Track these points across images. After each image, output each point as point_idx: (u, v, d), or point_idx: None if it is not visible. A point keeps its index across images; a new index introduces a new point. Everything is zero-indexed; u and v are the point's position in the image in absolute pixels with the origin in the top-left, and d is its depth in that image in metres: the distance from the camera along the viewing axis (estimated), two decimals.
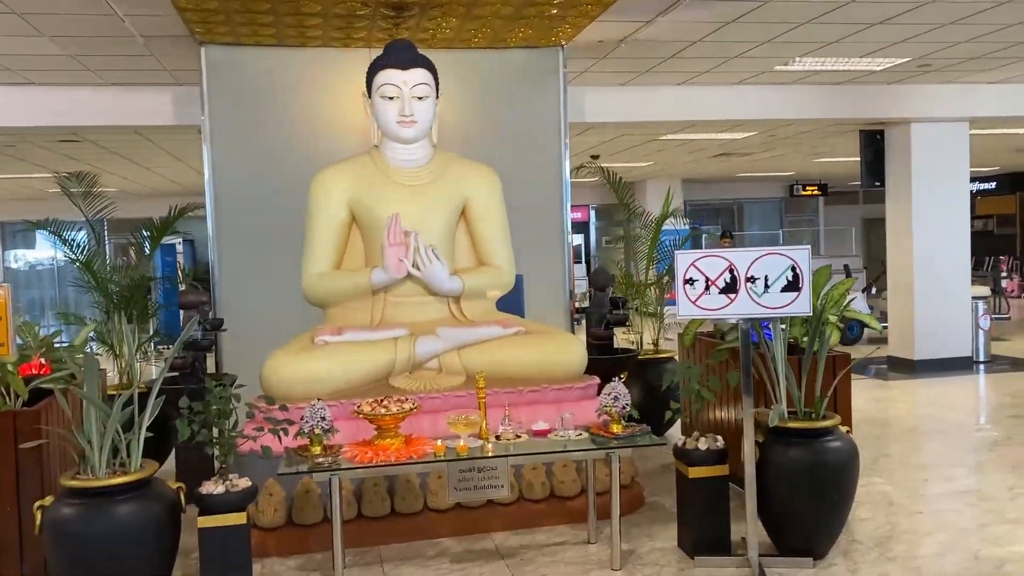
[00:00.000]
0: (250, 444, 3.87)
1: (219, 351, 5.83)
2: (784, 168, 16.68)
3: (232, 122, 5.91)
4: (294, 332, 4.97)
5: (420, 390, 4.60)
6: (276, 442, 3.83)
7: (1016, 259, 17.84)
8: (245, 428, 3.97)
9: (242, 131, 5.90)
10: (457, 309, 5.15)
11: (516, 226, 5.48)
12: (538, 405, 4.70)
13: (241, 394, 3.86)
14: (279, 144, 5.87)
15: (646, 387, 6.11)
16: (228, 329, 5.57)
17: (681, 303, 3.87)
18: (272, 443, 3.85)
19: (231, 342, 5.79)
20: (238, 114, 5.91)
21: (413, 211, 5.05)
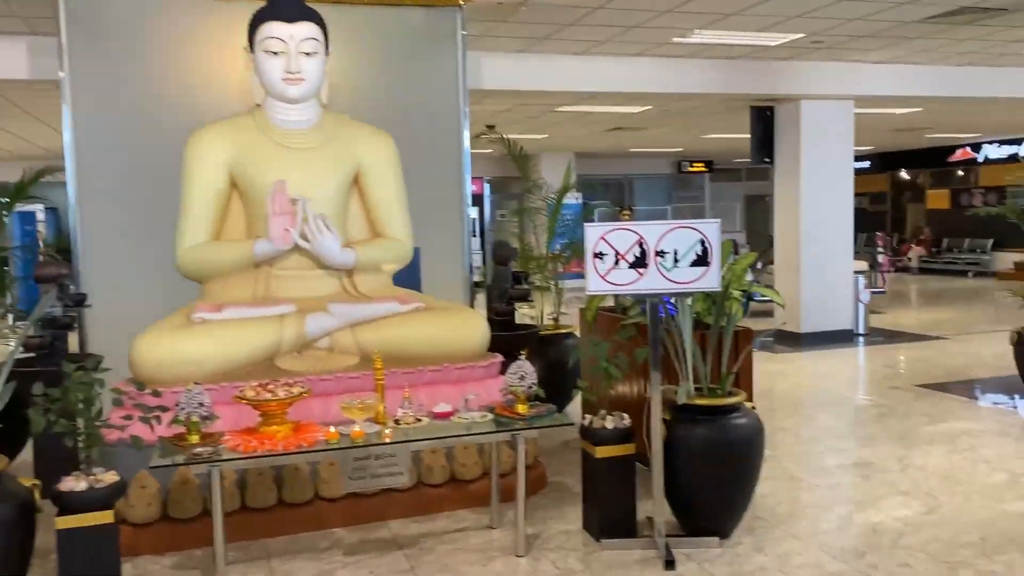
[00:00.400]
0: (118, 434, 3.48)
1: (83, 330, 5.30)
2: (673, 144, 16.90)
3: (96, 77, 5.33)
4: (168, 309, 4.54)
5: (310, 372, 4.27)
6: (148, 431, 3.45)
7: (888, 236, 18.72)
8: (111, 416, 3.56)
9: (107, 87, 5.34)
10: (350, 284, 4.82)
11: (412, 197, 5.18)
12: (439, 385, 4.46)
13: (106, 378, 3.44)
14: (149, 102, 5.34)
15: (547, 363, 5.93)
16: (92, 305, 5.05)
17: (590, 278, 3.69)
18: (143, 432, 3.46)
19: (96, 320, 5.26)
20: (102, 68, 5.34)
21: (300, 177, 4.68)
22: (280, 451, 3.45)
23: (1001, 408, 6.34)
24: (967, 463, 4.94)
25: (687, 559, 3.68)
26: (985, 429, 5.69)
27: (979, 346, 9.16)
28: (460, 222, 6.06)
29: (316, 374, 4.26)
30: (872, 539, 3.85)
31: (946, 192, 19.68)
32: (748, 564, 3.62)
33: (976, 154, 18.47)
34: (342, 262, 4.70)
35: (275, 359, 4.34)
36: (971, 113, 12.52)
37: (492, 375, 4.61)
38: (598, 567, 3.63)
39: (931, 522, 4.03)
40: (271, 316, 4.39)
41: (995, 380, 7.39)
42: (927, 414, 6.15)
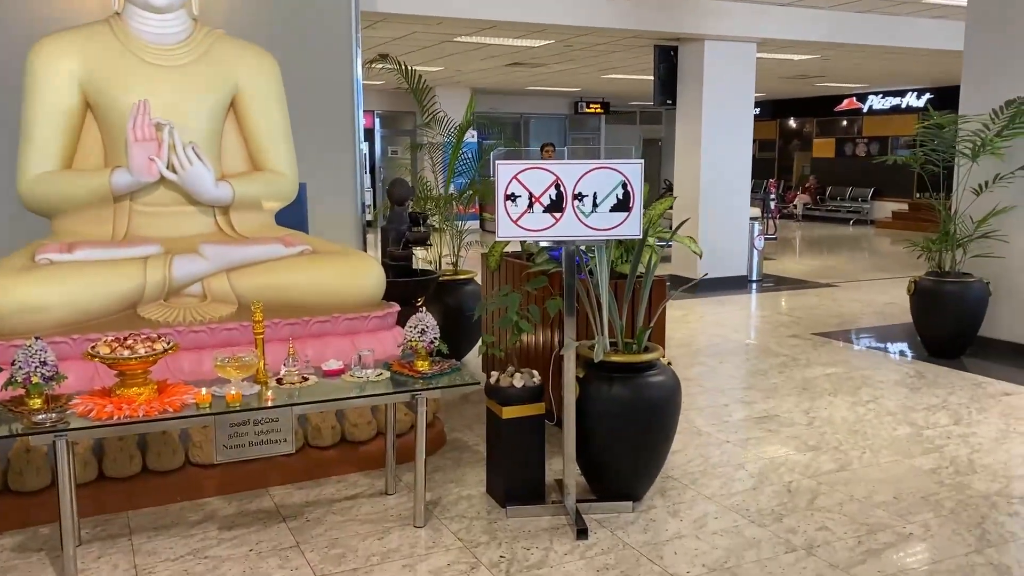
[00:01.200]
0: None
1: None
2: (572, 84, 16.54)
3: None
4: (9, 248, 3.91)
5: (178, 322, 3.75)
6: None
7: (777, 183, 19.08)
8: None
9: None
10: (226, 222, 4.28)
11: (298, 128, 4.64)
12: (328, 338, 4.01)
13: None
14: None
15: (446, 311, 5.57)
16: None
17: (501, 223, 3.31)
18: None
19: None
20: None
21: (167, 98, 4.08)
22: (140, 418, 2.95)
23: (899, 358, 6.39)
24: (872, 415, 4.90)
25: (599, 526, 3.43)
26: (885, 380, 5.70)
27: (868, 293, 9.34)
28: (351, 157, 5.55)
29: (186, 325, 3.74)
30: (787, 500, 3.70)
31: (831, 141, 20.18)
32: (663, 530, 3.40)
33: (862, 104, 18.95)
34: (216, 197, 4.14)
35: (138, 308, 3.78)
36: (865, 62, 12.66)
37: (388, 326, 4.20)
38: (504, 537, 3.34)
39: (843, 480, 3.93)
40: (132, 258, 3.82)
41: (890, 328, 7.50)
42: (827, 363, 6.13)
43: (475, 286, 5.88)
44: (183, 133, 4.06)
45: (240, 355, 3.25)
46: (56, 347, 3.43)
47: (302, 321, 3.94)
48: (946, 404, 5.12)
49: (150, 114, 3.93)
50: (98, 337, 3.41)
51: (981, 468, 4.07)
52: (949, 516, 3.52)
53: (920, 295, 6.28)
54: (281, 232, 4.39)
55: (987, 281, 6.21)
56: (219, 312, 3.89)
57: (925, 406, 5.08)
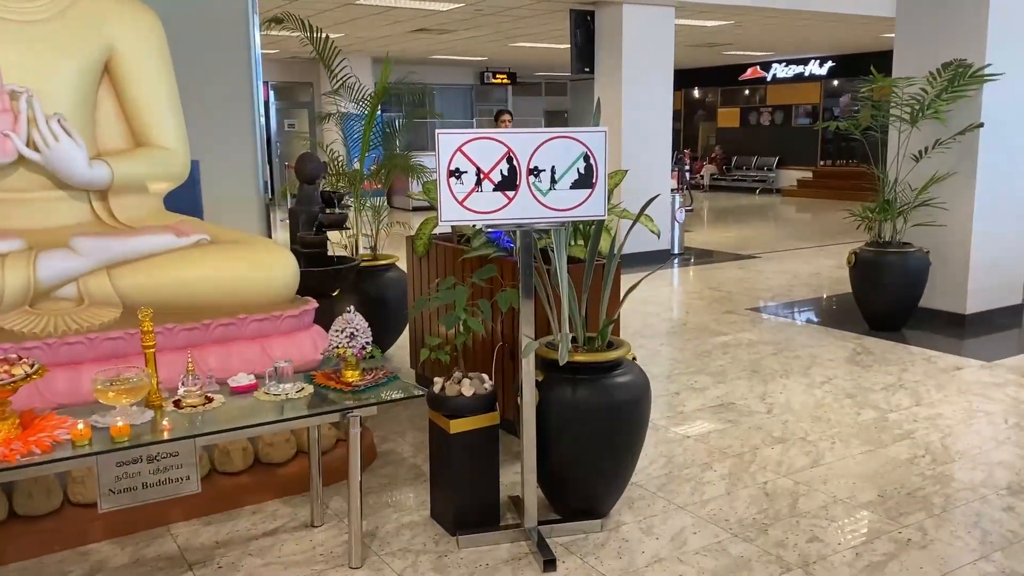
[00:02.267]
0: None
1: None
2: (479, 52, 15.94)
3: None
4: None
5: (47, 333, 3.07)
6: None
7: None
8: None
9: None
10: (105, 210, 3.59)
11: (188, 98, 3.96)
12: (234, 344, 3.40)
13: None
14: None
15: (367, 301, 5.00)
16: None
17: (444, 204, 2.78)
18: None
19: None
20: None
21: (24, 61, 3.36)
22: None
23: (842, 332, 6.17)
24: (830, 399, 4.61)
25: (567, 552, 2.97)
26: (834, 357, 5.44)
27: (792, 264, 9.20)
28: (250, 130, 4.86)
29: (57, 336, 3.07)
30: (767, 506, 3.33)
31: (736, 111, 20.25)
32: (639, 553, 2.97)
33: (766, 73, 19.02)
34: (89, 180, 3.45)
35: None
36: (777, 28, 12.54)
37: (305, 326, 3.61)
38: (459, 574, 2.84)
39: (821, 477, 3.59)
40: None
41: (825, 302, 7.32)
42: (771, 342, 5.86)
43: (398, 272, 5.32)
44: (46, 103, 3.36)
45: (126, 374, 2.62)
46: None
47: (202, 325, 3.32)
48: (902, 383, 4.89)
49: (1, 80, 3.21)
50: None
51: (958, 455, 3.81)
52: (942, 515, 3.22)
53: (861, 267, 6.07)
54: (172, 219, 3.73)
55: (927, 251, 6.04)
56: (99, 318, 3.22)
57: (882, 385, 4.83)
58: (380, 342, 5.27)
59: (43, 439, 2.42)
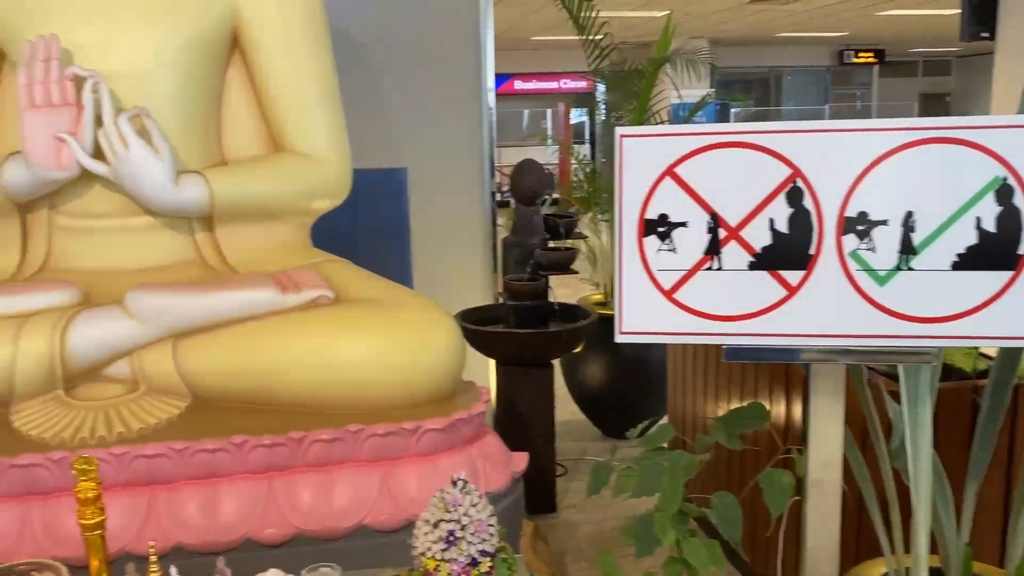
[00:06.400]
0: None
1: None
2: (836, 27, 13.47)
3: None
4: None
5: (80, 439, 2.04)
6: None
7: None
8: None
9: None
10: (211, 244, 2.53)
11: (390, 86, 2.84)
12: (341, 470, 2.14)
13: None
14: None
15: (617, 364, 3.57)
16: None
17: (629, 294, 1.23)
18: None
19: None
20: None
21: (104, 33, 2.39)
22: None
23: None
24: None
25: None
26: None
27: None
28: (475, 130, 3.62)
29: (96, 443, 2.03)
30: None
31: None
32: None
33: None
34: (174, 202, 2.38)
35: (10, 408, 2.12)
36: None
37: (462, 440, 2.25)
38: None
39: None
40: (11, 316, 2.15)
41: None
42: None
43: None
44: (134, 90, 2.35)
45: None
46: None
47: (289, 441, 2.09)
48: None
49: (57, 57, 2.25)
50: None
51: None
52: None
53: None
54: (309, 258, 2.57)
55: None
56: (152, 414, 2.14)
57: None
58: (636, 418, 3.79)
59: None
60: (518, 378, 3.01)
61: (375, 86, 3.55)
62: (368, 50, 3.42)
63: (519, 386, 3.02)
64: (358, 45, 3.37)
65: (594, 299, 3.89)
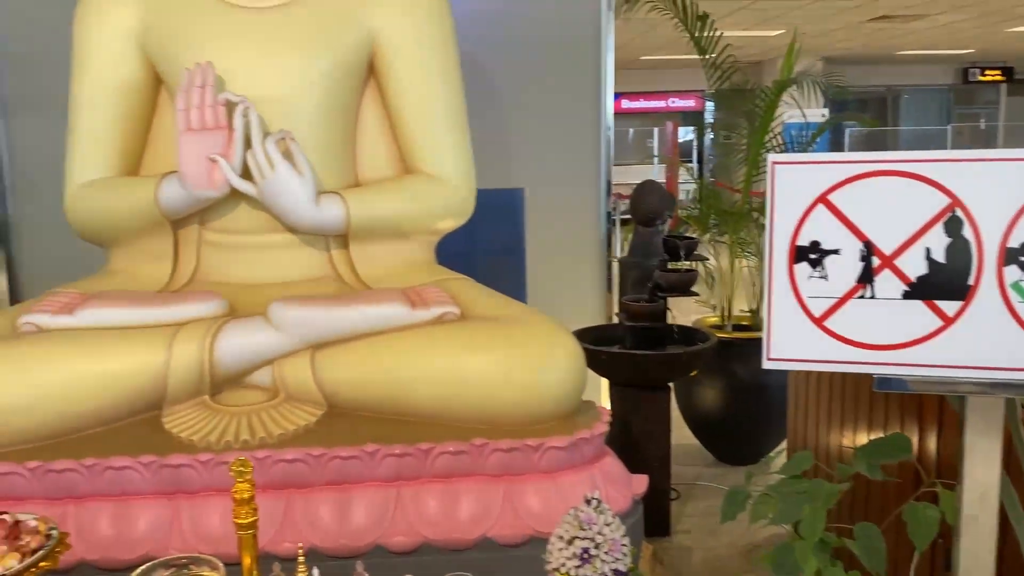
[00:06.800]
0: None
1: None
2: (960, 44, 12.94)
3: None
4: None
5: (225, 443, 2.16)
6: None
7: None
8: None
9: None
10: (345, 261, 2.64)
11: (508, 105, 2.93)
12: (465, 481, 2.20)
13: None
14: None
15: (735, 388, 3.53)
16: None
17: (779, 319, 1.24)
18: None
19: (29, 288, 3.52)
20: None
21: (253, 60, 2.54)
22: None
23: None
24: None
25: None
26: None
27: None
28: (592, 150, 3.66)
29: (239, 446, 2.15)
30: None
31: None
32: None
33: None
34: (315, 221, 2.50)
35: (163, 410, 2.27)
36: None
37: (582, 460, 2.27)
38: None
39: None
40: (162, 325, 2.31)
41: None
42: None
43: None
44: (278, 114, 2.50)
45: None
46: (4, 480, 2.05)
47: (418, 451, 2.17)
48: None
49: (212, 83, 2.41)
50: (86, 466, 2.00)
51: None
52: None
53: None
54: (435, 275, 2.66)
55: None
56: (291, 421, 2.26)
57: None
58: (757, 447, 3.74)
59: None
60: (634, 400, 3.02)
61: (494, 107, 3.63)
62: (489, 72, 3.50)
63: (635, 408, 3.02)
64: (479, 67, 3.46)
65: (710, 321, 3.86)
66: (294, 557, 2.10)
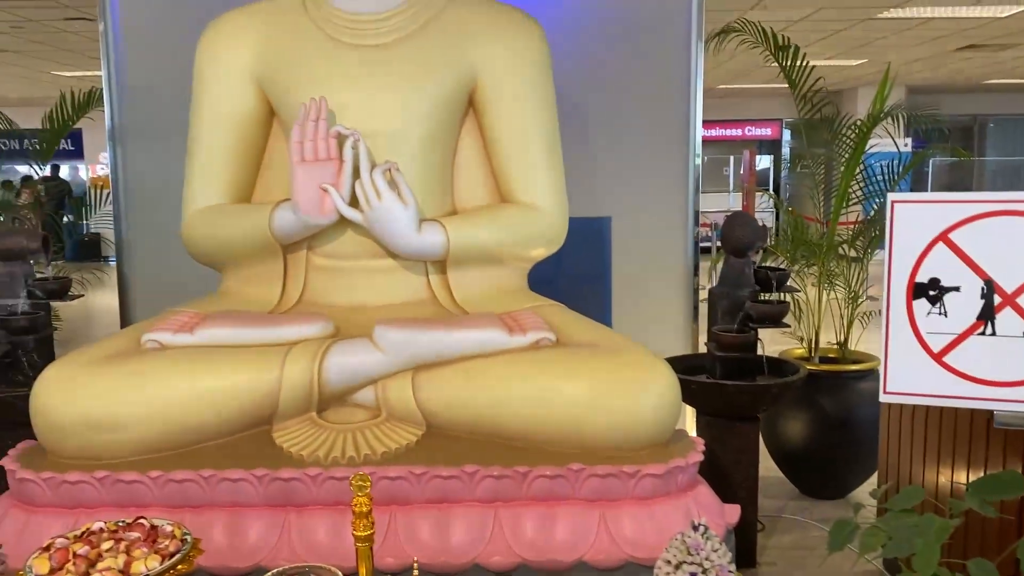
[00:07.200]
0: None
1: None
2: None
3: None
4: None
5: (332, 459, 2.26)
6: None
7: None
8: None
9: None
10: (443, 286, 2.74)
11: (600, 136, 3.02)
12: (562, 505, 2.25)
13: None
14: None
15: (822, 422, 3.49)
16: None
17: (896, 355, 1.27)
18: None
19: (140, 317, 3.70)
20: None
21: (363, 95, 2.66)
22: None
23: None
24: None
25: None
26: None
27: None
28: (683, 174, 3.70)
29: (345, 462, 2.25)
30: None
31: None
32: None
33: None
34: (417, 247, 2.61)
35: (273, 424, 2.39)
36: None
37: (676, 488, 2.30)
38: None
39: None
40: (274, 344, 2.43)
41: None
42: None
43: (874, 383, 3.65)
44: (388, 149, 2.62)
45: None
46: (128, 489, 2.19)
47: (515, 474, 2.23)
48: None
49: (325, 117, 2.54)
50: (197, 477, 2.13)
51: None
52: None
53: None
54: (529, 301, 2.73)
55: None
56: (393, 439, 2.34)
57: None
58: (843, 481, 3.69)
59: None
60: (722, 430, 3.02)
61: (583, 135, 3.69)
62: (578, 100, 3.57)
63: (723, 438, 3.02)
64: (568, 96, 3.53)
65: (796, 353, 3.83)
66: (397, 571, 2.18)
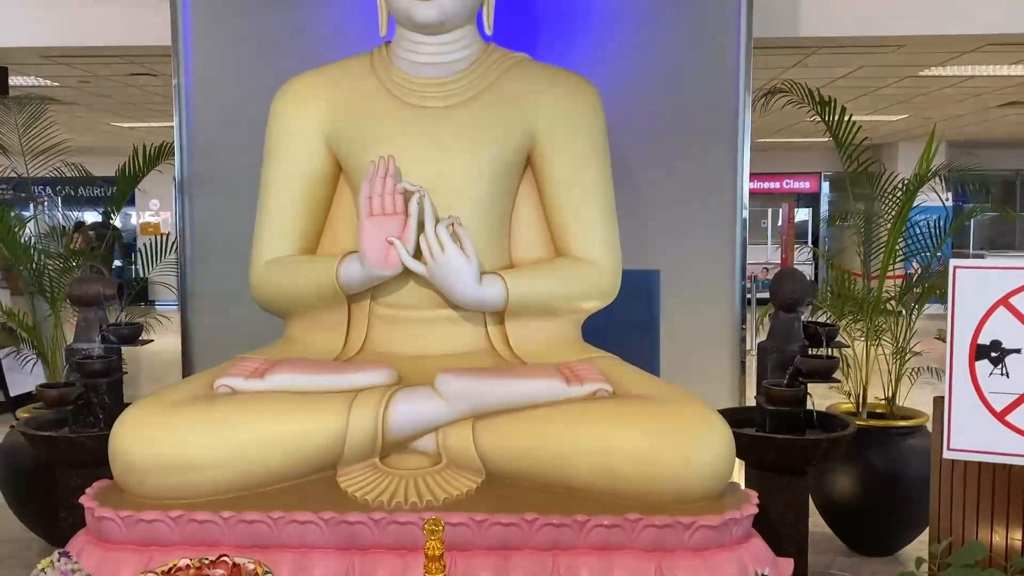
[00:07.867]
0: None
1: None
2: None
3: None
4: None
5: (396, 504, 2.34)
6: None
7: None
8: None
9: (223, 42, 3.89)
10: (500, 336, 2.83)
11: (649, 190, 3.12)
12: (618, 554, 2.29)
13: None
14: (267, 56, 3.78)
15: (870, 477, 3.50)
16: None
17: (959, 413, 1.32)
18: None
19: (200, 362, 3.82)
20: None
21: (428, 154, 2.80)
22: None
23: None
24: None
25: None
26: None
27: None
28: (730, 228, 3.78)
29: (408, 507, 2.32)
30: None
31: None
32: None
33: None
34: (477, 299, 2.70)
35: (338, 469, 2.48)
36: None
37: (732, 539, 2.34)
38: None
39: None
40: (340, 391, 2.53)
41: None
42: None
43: (923, 439, 3.65)
44: (450, 205, 2.73)
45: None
46: (200, 528, 2.28)
47: (573, 522, 2.28)
48: None
49: (392, 176, 2.67)
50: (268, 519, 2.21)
51: None
52: None
53: None
54: (584, 352, 2.82)
55: None
56: (453, 486, 2.42)
57: None
58: (892, 537, 3.67)
59: None
60: (772, 484, 3.04)
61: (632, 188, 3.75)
62: (627, 154, 3.64)
63: (772, 492, 3.04)
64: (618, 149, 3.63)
65: (843, 408, 3.85)
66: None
